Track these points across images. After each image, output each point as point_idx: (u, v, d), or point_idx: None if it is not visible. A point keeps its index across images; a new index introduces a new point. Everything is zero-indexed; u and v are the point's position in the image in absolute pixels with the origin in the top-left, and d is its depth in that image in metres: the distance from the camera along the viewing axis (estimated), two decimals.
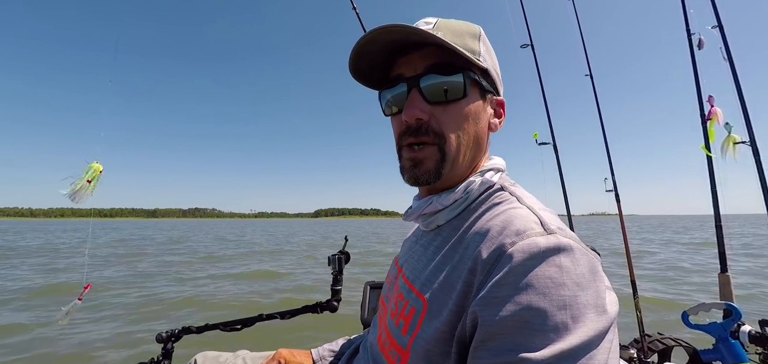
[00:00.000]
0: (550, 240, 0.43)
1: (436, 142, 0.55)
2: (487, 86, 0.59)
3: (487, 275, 0.44)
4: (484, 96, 0.60)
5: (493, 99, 0.62)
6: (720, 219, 1.76)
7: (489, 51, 0.60)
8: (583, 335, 0.37)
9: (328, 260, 1.27)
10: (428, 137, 0.55)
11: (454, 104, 0.55)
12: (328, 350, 0.95)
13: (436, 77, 0.55)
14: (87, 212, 1.11)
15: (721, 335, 1.31)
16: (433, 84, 0.55)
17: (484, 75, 0.59)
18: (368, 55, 0.58)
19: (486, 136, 0.62)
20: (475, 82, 0.57)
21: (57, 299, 5.51)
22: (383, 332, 0.61)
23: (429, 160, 0.56)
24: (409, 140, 0.57)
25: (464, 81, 0.55)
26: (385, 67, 0.61)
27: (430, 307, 0.50)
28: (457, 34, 0.56)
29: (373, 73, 0.62)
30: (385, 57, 0.59)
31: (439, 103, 0.55)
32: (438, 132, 0.55)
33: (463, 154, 0.58)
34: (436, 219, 0.60)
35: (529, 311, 0.39)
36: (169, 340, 1.20)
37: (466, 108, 0.56)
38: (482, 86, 0.58)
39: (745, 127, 1.74)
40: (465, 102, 0.56)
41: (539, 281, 0.40)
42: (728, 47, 1.83)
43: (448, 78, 0.55)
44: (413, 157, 0.57)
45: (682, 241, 17.59)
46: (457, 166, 0.57)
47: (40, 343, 3.88)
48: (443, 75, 0.55)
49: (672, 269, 8.56)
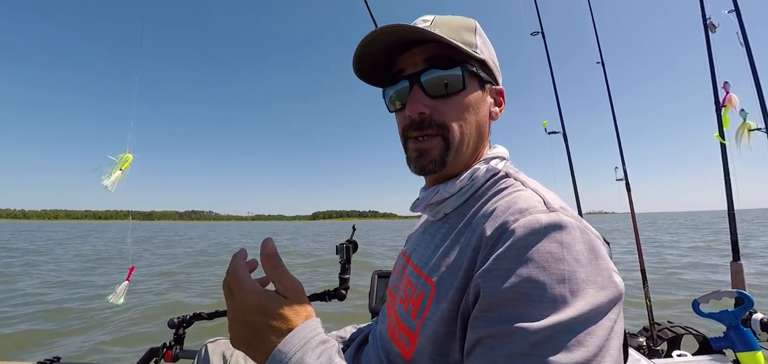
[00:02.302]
0: (552, 217, 0.44)
1: (440, 133, 0.58)
2: (486, 77, 0.61)
3: (490, 250, 0.45)
4: (483, 86, 0.61)
5: (492, 88, 0.64)
6: (733, 208, 1.73)
7: (485, 42, 0.62)
8: (581, 308, 0.38)
9: (336, 249, 1.27)
10: (432, 129, 0.57)
11: (455, 96, 0.57)
12: (336, 338, 0.95)
13: (435, 72, 0.57)
14: (83, 213, 1.15)
15: (732, 322, 1.30)
16: (434, 78, 0.57)
17: (482, 66, 0.60)
18: (371, 56, 0.60)
19: (487, 124, 0.64)
20: (473, 73, 0.59)
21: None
22: (393, 319, 0.62)
23: (434, 150, 0.58)
24: (414, 134, 0.59)
25: (463, 73, 0.57)
26: (388, 65, 0.63)
27: (439, 289, 0.51)
28: (453, 29, 0.58)
29: (376, 72, 0.64)
30: (387, 56, 0.61)
31: (440, 97, 0.57)
32: (441, 123, 0.57)
33: (467, 143, 0.59)
34: (444, 207, 0.61)
35: (528, 282, 0.39)
36: (180, 326, 1.22)
37: (466, 99, 0.58)
38: (480, 77, 0.60)
39: (761, 114, 1.70)
40: (465, 93, 0.58)
41: (540, 255, 0.41)
42: (745, 32, 1.78)
43: (447, 72, 0.57)
44: (419, 148, 0.59)
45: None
46: (460, 154, 0.59)
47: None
48: (442, 69, 0.57)
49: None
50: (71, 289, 6.80)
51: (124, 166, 1.11)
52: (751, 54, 1.76)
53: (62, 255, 12.91)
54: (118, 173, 1.09)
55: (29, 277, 8.07)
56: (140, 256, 12.41)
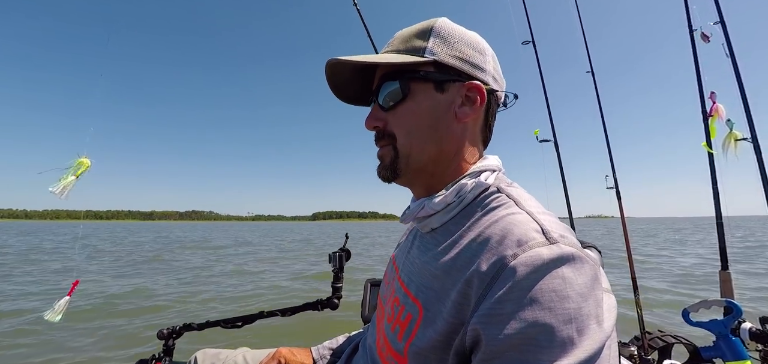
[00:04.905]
0: (554, 251, 0.42)
1: (390, 143, 0.61)
2: (441, 76, 0.58)
3: (487, 289, 0.43)
4: (442, 87, 0.58)
5: (459, 86, 0.59)
6: (721, 216, 1.76)
7: (445, 39, 0.58)
8: (588, 348, 0.38)
9: (328, 258, 1.27)
10: (384, 140, 0.62)
11: (399, 106, 0.60)
12: (327, 349, 0.95)
13: (384, 88, 0.60)
14: (84, 213, 1.11)
15: (721, 332, 1.31)
16: (385, 94, 0.61)
17: (437, 67, 0.58)
18: (345, 87, 0.66)
19: (454, 124, 0.59)
20: (420, 79, 0.58)
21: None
22: (381, 338, 0.62)
23: (386, 157, 0.62)
24: (377, 145, 0.64)
25: (400, 84, 0.59)
26: (369, 85, 0.67)
27: (426, 314, 0.51)
28: (404, 40, 0.61)
29: (364, 96, 0.69)
30: (363, 80, 0.66)
31: (389, 109, 0.61)
32: (390, 133, 0.61)
33: (420, 149, 0.59)
34: (430, 222, 0.60)
35: (534, 327, 0.38)
36: (170, 337, 1.20)
37: (410, 107, 0.59)
38: (434, 80, 0.58)
39: (747, 123, 1.73)
40: (409, 102, 0.59)
41: (544, 295, 0.39)
42: (730, 43, 1.82)
43: (390, 85, 0.60)
44: (378, 156, 0.64)
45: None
46: (414, 161, 0.60)
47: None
48: (389, 83, 0.60)
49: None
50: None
51: (80, 172, 1.06)
52: (736, 65, 1.80)
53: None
54: (71, 178, 1.04)
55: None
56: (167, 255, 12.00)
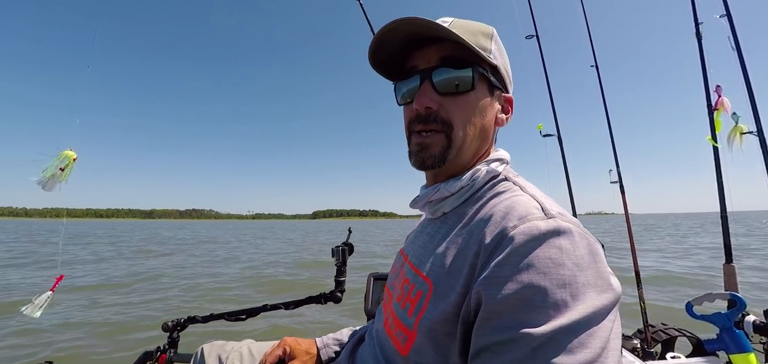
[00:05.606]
0: (550, 223, 0.45)
1: (444, 130, 0.59)
2: (496, 83, 0.62)
3: (489, 257, 0.46)
4: (492, 91, 0.62)
5: (501, 95, 0.65)
6: (725, 210, 1.75)
7: (500, 50, 0.63)
8: (582, 311, 0.39)
9: (332, 252, 1.27)
10: (436, 125, 0.59)
11: (463, 96, 0.59)
12: (332, 339, 0.95)
13: (447, 71, 0.58)
14: (84, 211, 1.10)
15: (725, 324, 1.31)
16: (445, 76, 0.58)
17: (494, 72, 0.61)
18: (388, 45, 0.61)
19: (492, 129, 0.64)
20: (484, 77, 0.60)
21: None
22: (389, 317, 0.63)
23: (435, 146, 0.59)
24: (418, 127, 0.60)
25: (473, 75, 0.58)
26: (401, 59, 0.64)
27: (436, 289, 0.52)
28: (471, 32, 0.58)
29: (390, 64, 0.65)
30: (402, 48, 0.62)
31: (448, 94, 0.59)
32: (446, 120, 0.58)
33: (469, 144, 0.60)
34: (443, 206, 0.63)
35: (530, 288, 0.40)
36: (174, 329, 1.21)
37: (473, 100, 0.59)
38: (491, 82, 0.61)
39: (753, 117, 1.72)
40: (473, 95, 0.59)
41: (540, 261, 0.42)
42: (736, 36, 1.81)
43: (458, 72, 0.58)
44: (421, 143, 0.60)
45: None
46: (461, 154, 0.60)
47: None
48: (454, 69, 0.58)
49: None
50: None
51: (66, 166, 1.03)
52: (742, 58, 1.78)
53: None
54: (57, 172, 1.01)
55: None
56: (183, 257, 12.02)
